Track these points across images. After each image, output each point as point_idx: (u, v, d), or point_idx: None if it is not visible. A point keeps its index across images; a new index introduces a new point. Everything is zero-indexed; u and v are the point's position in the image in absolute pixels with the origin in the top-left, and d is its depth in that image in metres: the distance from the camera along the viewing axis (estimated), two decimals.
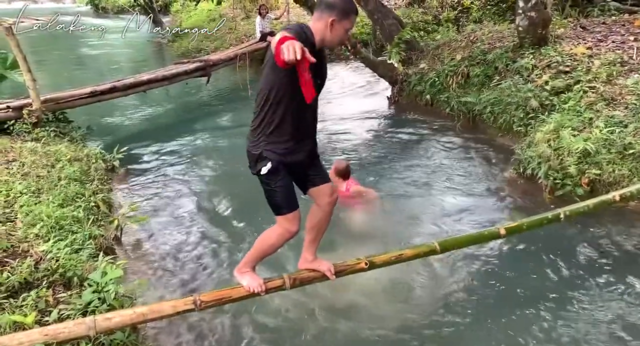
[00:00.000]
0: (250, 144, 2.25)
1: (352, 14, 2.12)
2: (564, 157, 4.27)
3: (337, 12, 2.06)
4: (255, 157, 2.24)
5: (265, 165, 2.21)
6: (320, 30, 2.09)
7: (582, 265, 3.43)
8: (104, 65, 11.95)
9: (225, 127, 7.01)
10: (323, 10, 2.08)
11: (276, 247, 2.48)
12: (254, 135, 2.22)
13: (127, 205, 4.42)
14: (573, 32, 6.50)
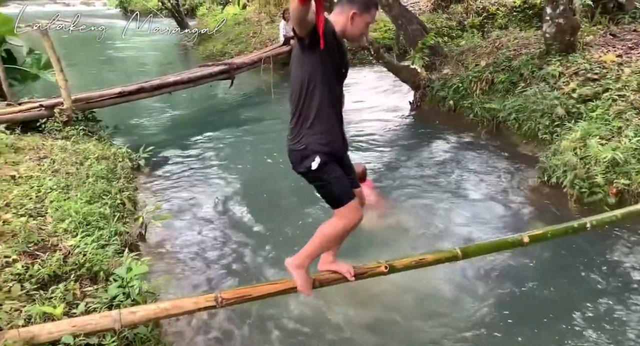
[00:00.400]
0: (291, 142, 2.21)
1: (372, 8, 2.14)
2: (590, 166, 4.19)
3: (358, 5, 2.08)
4: (300, 153, 2.18)
5: (313, 160, 2.15)
6: (342, 23, 2.10)
7: (610, 277, 3.35)
8: (131, 67, 12.23)
9: (248, 129, 7.08)
10: (344, 4, 2.09)
11: (341, 240, 2.40)
12: (295, 131, 2.19)
13: (151, 203, 4.53)
14: (602, 39, 6.37)
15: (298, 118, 2.16)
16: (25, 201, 3.49)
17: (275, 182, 5.19)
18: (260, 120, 7.42)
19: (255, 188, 5.07)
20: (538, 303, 3.16)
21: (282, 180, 5.19)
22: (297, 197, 4.79)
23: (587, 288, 3.29)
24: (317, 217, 4.39)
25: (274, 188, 5.04)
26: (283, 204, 4.69)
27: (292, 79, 2.15)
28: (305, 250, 2.40)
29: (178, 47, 14.57)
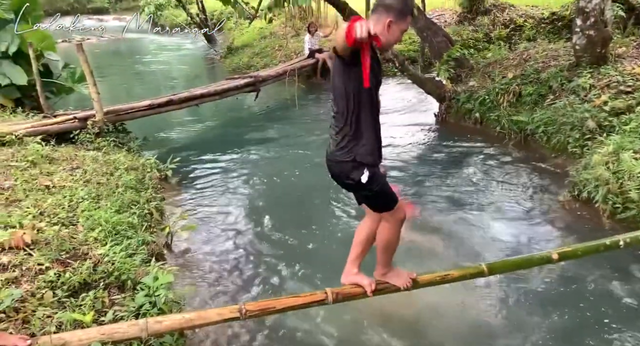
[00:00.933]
0: (337, 155, 2.24)
1: (408, 15, 2.18)
2: (624, 181, 4.06)
3: (394, 13, 2.13)
4: (349, 165, 2.22)
5: (362, 174, 2.21)
6: (378, 31, 2.09)
7: None
8: (160, 79, 12.55)
9: (273, 140, 7.16)
10: (381, 12, 2.15)
11: (398, 236, 2.49)
12: (341, 144, 2.22)
13: (178, 213, 4.61)
14: (636, 51, 6.21)
15: (346, 131, 2.20)
16: (58, 210, 3.60)
17: (300, 194, 5.21)
18: (285, 133, 7.49)
19: (281, 201, 5.10)
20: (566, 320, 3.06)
21: (308, 193, 5.21)
22: (322, 209, 4.80)
23: (623, 310, 3.17)
24: (342, 230, 4.39)
25: (299, 201, 5.06)
26: (308, 217, 4.70)
27: (336, 92, 2.19)
28: (381, 261, 2.54)
29: (205, 61, 14.89)
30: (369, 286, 2.54)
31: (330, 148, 2.28)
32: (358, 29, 1.74)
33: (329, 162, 2.33)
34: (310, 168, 5.82)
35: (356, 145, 2.20)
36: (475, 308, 3.29)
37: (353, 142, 2.20)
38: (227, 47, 14.07)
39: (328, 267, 3.81)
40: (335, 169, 2.30)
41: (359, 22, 1.77)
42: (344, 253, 3.99)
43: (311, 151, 6.44)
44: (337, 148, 2.24)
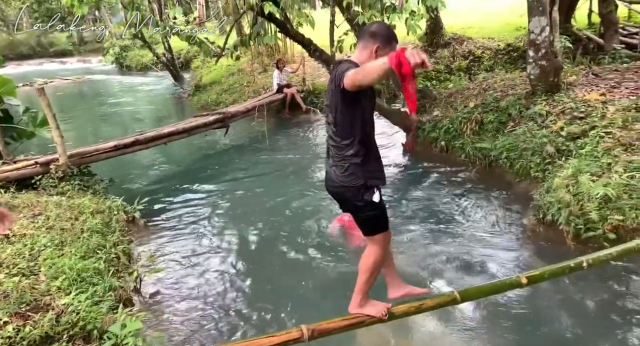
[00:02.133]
0: (346, 181, 2.36)
1: (393, 41, 2.31)
2: (584, 203, 4.21)
3: (380, 40, 2.26)
4: (360, 189, 2.35)
5: (374, 194, 2.37)
6: (365, 57, 2.26)
7: (608, 315, 3.30)
8: (127, 120, 12.44)
9: (244, 177, 7.13)
10: (367, 40, 2.28)
11: (382, 262, 2.59)
12: (349, 169, 2.34)
13: (146, 255, 4.48)
14: (585, 79, 6.59)
15: (352, 156, 2.32)
16: (18, 260, 3.46)
17: (272, 230, 5.17)
18: (255, 168, 7.49)
19: (252, 238, 5.04)
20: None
21: (279, 229, 5.17)
22: (295, 247, 4.77)
23: (588, 327, 3.23)
24: (316, 267, 4.35)
25: (270, 238, 5.01)
26: (280, 254, 4.65)
27: (339, 121, 2.31)
28: (358, 289, 2.56)
29: (173, 99, 14.89)
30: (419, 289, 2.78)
31: (335, 174, 2.39)
32: (412, 59, 1.83)
33: (334, 188, 2.44)
34: (282, 204, 5.81)
35: (365, 170, 2.34)
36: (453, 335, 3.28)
37: (361, 167, 2.33)
38: (195, 84, 14.13)
39: (302, 304, 3.77)
40: (347, 194, 2.40)
41: (410, 51, 1.86)
42: (318, 291, 3.97)
43: (283, 187, 6.44)
44: (345, 174, 2.35)
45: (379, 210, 2.42)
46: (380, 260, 2.53)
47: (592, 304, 3.50)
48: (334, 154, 2.39)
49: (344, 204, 2.51)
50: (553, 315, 3.42)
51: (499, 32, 11.91)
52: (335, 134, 2.35)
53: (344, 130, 2.31)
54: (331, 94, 2.31)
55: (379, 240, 2.48)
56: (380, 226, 2.47)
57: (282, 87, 10.53)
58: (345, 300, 3.52)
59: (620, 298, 3.52)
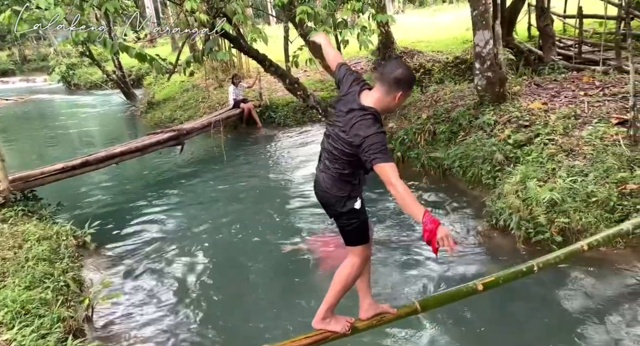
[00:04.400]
0: (334, 191, 2.46)
1: (413, 84, 2.47)
2: (533, 207, 4.39)
3: (405, 87, 2.35)
4: (345, 197, 2.45)
5: (356, 201, 2.46)
6: (387, 102, 2.36)
7: (560, 314, 3.44)
8: (76, 141, 11.94)
9: (200, 195, 6.97)
10: (392, 86, 2.32)
11: (357, 277, 2.61)
12: (338, 182, 2.45)
13: (98, 282, 4.27)
14: (528, 89, 6.94)
15: (347, 179, 2.44)
16: None
17: (229, 251, 5.07)
18: (213, 186, 7.35)
19: (209, 259, 4.91)
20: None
21: (237, 249, 5.08)
22: (253, 267, 4.70)
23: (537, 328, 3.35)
24: (278, 287, 4.30)
25: (228, 258, 4.91)
26: (239, 275, 4.56)
27: (335, 155, 2.41)
28: (326, 302, 2.59)
29: (125, 118, 14.44)
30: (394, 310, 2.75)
31: (324, 181, 2.49)
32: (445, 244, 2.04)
33: (323, 193, 2.51)
34: (240, 224, 5.71)
35: (352, 184, 2.45)
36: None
37: (350, 186, 2.45)
38: (148, 101, 13.80)
39: (264, 325, 3.70)
40: (331, 200, 2.49)
41: (442, 236, 2.04)
42: (280, 310, 3.90)
43: (241, 206, 6.35)
44: (331, 183, 2.46)
45: (360, 220, 2.49)
46: (356, 274, 2.56)
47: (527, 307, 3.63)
48: (329, 165, 2.47)
49: (328, 208, 2.57)
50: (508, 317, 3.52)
51: (447, 46, 12.38)
52: (334, 156, 2.43)
53: (343, 163, 2.41)
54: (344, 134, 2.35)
55: (359, 252, 2.53)
56: (361, 237, 2.53)
57: (239, 102, 10.46)
58: (309, 317, 3.49)
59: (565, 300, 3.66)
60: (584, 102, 5.93)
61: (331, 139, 2.45)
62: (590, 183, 4.37)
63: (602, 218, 4.09)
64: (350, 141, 2.30)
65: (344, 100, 2.45)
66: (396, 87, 2.32)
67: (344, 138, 2.34)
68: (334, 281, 2.57)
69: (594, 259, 3.96)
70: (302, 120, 10.50)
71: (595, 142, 4.92)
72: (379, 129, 2.26)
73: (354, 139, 2.27)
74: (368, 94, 2.40)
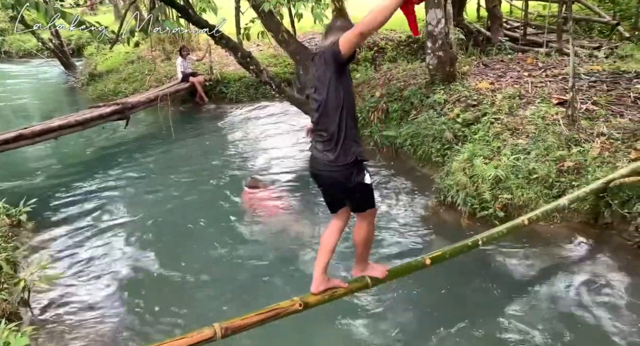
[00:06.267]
0: (340, 161, 2.43)
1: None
2: (479, 184, 4.55)
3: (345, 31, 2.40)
4: (353, 167, 2.45)
5: (365, 176, 2.51)
6: None
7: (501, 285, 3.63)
8: (9, 112, 11.09)
9: (145, 172, 6.70)
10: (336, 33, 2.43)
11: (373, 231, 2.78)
12: (342, 149, 2.42)
13: (35, 263, 4.03)
14: (477, 69, 7.11)
15: (340, 136, 2.41)
16: None
17: (175, 226, 4.94)
18: (158, 162, 7.09)
19: (154, 236, 4.77)
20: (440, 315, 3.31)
21: (182, 223, 4.96)
22: (200, 241, 4.60)
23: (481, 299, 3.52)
24: (227, 261, 4.23)
25: (173, 233, 4.79)
26: (186, 250, 4.46)
27: (330, 97, 2.40)
28: (360, 257, 2.79)
29: (64, 89, 13.54)
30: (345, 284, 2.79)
31: (327, 158, 2.45)
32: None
33: (329, 172, 2.50)
34: (186, 198, 5.57)
35: (354, 145, 2.45)
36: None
37: (350, 143, 2.43)
38: (89, 73, 12.98)
39: (214, 301, 3.65)
40: (339, 177, 2.47)
41: None
42: (231, 285, 3.86)
43: (186, 180, 6.17)
44: (338, 154, 2.42)
45: (369, 190, 2.57)
46: (371, 231, 2.72)
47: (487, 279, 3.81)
48: (326, 137, 2.45)
49: (336, 188, 2.58)
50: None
51: (400, 25, 12.43)
52: (324, 115, 2.43)
53: (335, 106, 2.40)
54: (319, 77, 2.43)
55: (368, 215, 2.64)
56: (370, 203, 2.62)
57: (188, 76, 10.06)
58: (261, 293, 3.47)
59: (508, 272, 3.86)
60: (528, 82, 6.16)
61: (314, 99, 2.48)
62: (532, 160, 4.57)
63: (541, 194, 4.31)
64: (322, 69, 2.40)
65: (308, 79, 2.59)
66: (341, 32, 2.39)
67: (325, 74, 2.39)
68: (356, 244, 2.74)
69: (532, 233, 4.18)
70: (255, 96, 10.27)
71: (538, 122, 5.14)
72: None
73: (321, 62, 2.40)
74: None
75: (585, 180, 4.24)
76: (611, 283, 3.53)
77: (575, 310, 3.29)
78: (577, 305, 3.34)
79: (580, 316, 3.21)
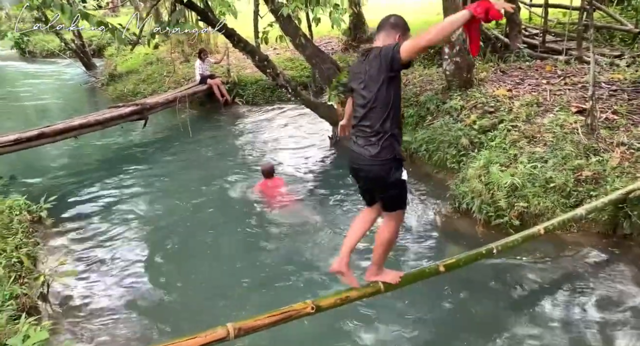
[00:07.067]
0: (381, 155, 2.48)
1: (408, 30, 2.61)
2: (494, 191, 4.52)
3: (401, 29, 2.56)
4: (392, 163, 2.50)
5: (402, 172, 2.55)
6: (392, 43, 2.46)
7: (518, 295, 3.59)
8: (31, 111, 11.34)
9: (162, 172, 6.80)
10: (389, 29, 2.56)
11: (397, 236, 2.81)
12: (384, 144, 2.47)
13: (55, 258, 4.13)
14: (494, 75, 7.06)
15: (387, 129, 2.47)
16: None
17: (193, 225, 4.99)
18: (175, 163, 7.18)
19: (171, 235, 4.83)
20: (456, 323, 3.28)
21: (201, 223, 5.01)
22: (217, 240, 4.65)
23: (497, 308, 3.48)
24: (241, 262, 4.27)
25: (190, 233, 4.84)
26: (203, 250, 4.51)
27: (380, 97, 2.45)
28: (376, 259, 2.78)
29: (85, 89, 13.80)
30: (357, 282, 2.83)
31: (369, 152, 2.49)
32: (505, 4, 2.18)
33: (369, 166, 2.53)
34: (203, 198, 5.62)
35: (395, 144, 2.51)
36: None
37: (392, 141, 2.49)
38: (109, 73, 13.20)
39: (227, 300, 3.68)
40: (380, 171, 2.52)
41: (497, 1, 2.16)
42: (243, 285, 3.89)
43: (203, 181, 6.24)
44: (380, 149, 2.47)
45: (404, 189, 2.62)
46: (395, 234, 2.73)
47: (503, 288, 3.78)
48: (369, 133, 2.50)
49: (375, 183, 2.61)
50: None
51: (417, 30, 12.35)
52: (371, 111, 2.48)
53: (384, 104, 2.45)
54: (372, 75, 2.46)
55: (397, 216, 2.68)
56: (402, 203, 2.67)
57: (206, 78, 10.17)
58: (274, 294, 3.50)
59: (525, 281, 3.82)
60: (546, 90, 6.10)
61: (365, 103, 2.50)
62: (550, 169, 4.52)
63: (558, 203, 4.26)
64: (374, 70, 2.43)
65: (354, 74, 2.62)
66: (394, 30, 2.54)
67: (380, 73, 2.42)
68: (377, 244, 2.75)
69: (548, 242, 4.13)
70: (271, 99, 10.33)
71: (556, 130, 5.08)
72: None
73: (375, 63, 2.42)
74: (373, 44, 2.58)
75: (604, 190, 4.19)
76: (630, 296, 3.47)
77: (591, 324, 3.23)
78: (592, 319, 3.28)
79: (596, 331, 3.16)
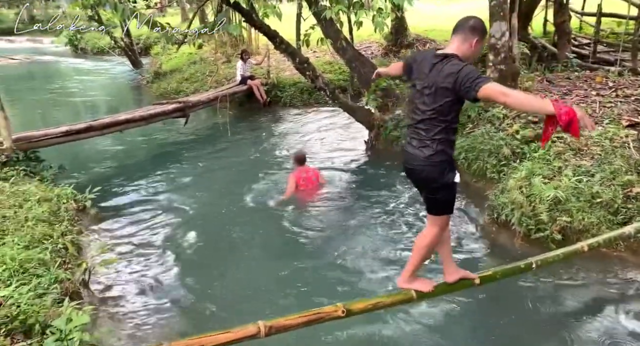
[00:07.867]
0: (434, 157, 2.48)
1: (486, 34, 2.57)
2: (536, 204, 4.37)
3: (479, 34, 2.49)
4: (445, 164, 2.50)
5: (455, 175, 2.53)
6: (464, 49, 2.47)
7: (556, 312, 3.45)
8: (80, 105, 11.87)
9: (201, 168, 6.96)
10: (467, 33, 2.47)
11: (436, 244, 2.74)
12: (438, 146, 2.47)
13: (97, 246, 4.29)
14: (540, 85, 6.86)
15: (439, 139, 2.47)
16: None
17: (230, 222, 5.08)
18: (214, 160, 7.33)
19: (209, 231, 4.93)
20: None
21: (237, 220, 5.09)
22: (252, 239, 4.70)
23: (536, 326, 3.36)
24: (276, 261, 4.30)
25: (228, 230, 4.92)
26: (238, 247, 4.58)
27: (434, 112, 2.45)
28: (411, 264, 2.77)
29: (131, 86, 14.33)
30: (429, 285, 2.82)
31: (423, 154, 2.50)
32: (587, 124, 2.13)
33: (423, 167, 2.53)
34: (241, 197, 5.71)
35: (448, 149, 2.51)
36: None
37: (445, 146, 2.50)
38: (155, 71, 13.65)
39: (259, 299, 3.72)
40: (433, 173, 2.52)
41: (582, 115, 2.11)
42: (276, 284, 3.93)
43: (241, 179, 6.33)
44: (434, 151, 2.48)
45: (453, 193, 2.59)
46: (436, 240, 2.68)
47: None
48: (424, 136, 2.51)
49: (427, 183, 2.60)
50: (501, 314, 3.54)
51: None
52: (431, 120, 2.48)
53: (444, 116, 2.45)
54: (438, 89, 2.42)
55: (441, 221, 2.64)
56: (448, 208, 2.63)
57: (246, 79, 10.35)
58: (305, 295, 3.51)
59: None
60: (596, 102, 5.87)
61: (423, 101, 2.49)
62: (596, 184, 4.34)
63: (604, 220, 4.08)
64: (444, 86, 2.37)
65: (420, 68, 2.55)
66: (472, 34, 2.45)
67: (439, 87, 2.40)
68: (415, 248, 2.74)
69: (591, 259, 3.96)
70: (309, 101, 10.41)
71: (604, 143, 4.88)
72: (467, 64, 2.37)
73: (448, 81, 2.35)
74: (445, 48, 2.53)
75: None
76: None
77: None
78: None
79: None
